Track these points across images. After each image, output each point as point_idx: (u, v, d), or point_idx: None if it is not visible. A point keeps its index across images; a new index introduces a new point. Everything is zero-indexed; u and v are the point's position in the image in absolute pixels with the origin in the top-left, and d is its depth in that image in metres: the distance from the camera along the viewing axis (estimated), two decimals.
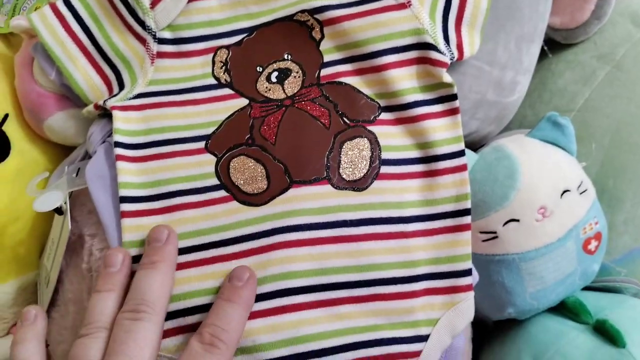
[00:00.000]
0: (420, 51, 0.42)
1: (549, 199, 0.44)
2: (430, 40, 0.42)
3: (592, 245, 0.47)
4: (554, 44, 0.52)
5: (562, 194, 0.45)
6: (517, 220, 0.44)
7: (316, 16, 0.43)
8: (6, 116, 0.47)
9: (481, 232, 0.45)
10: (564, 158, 0.47)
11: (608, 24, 0.51)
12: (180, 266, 0.39)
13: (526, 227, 0.44)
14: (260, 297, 0.38)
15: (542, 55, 0.51)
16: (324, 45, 0.43)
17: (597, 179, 0.49)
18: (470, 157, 0.45)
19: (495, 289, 0.46)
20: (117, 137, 0.42)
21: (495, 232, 0.45)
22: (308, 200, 0.40)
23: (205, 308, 0.38)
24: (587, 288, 0.49)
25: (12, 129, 0.48)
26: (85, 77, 0.44)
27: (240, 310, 0.36)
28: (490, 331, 0.51)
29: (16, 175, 0.47)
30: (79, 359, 0.34)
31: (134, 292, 0.36)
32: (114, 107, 0.42)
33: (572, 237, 0.45)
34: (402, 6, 0.42)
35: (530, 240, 0.44)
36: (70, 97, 0.45)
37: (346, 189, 0.40)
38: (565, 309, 0.47)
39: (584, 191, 0.46)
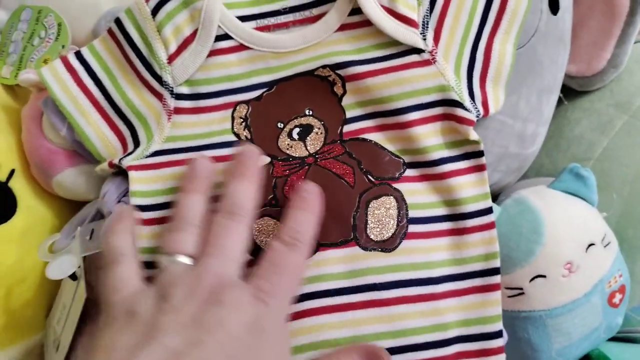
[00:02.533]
0: (446, 108, 0.41)
1: (575, 253, 0.44)
2: (456, 97, 0.41)
3: (617, 298, 0.46)
4: (570, 91, 0.52)
5: (587, 248, 0.44)
6: (544, 276, 0.43)
7: (338, 72, 0.42)
8: (12, 172, 0.46)
9: (507, 288, 0.44)
10: (587, 210, 0.46)
11: (624, 72, 0.51)
12: None
13: (553, 283, 0.43)
14: None
15: (558, 102, 0.51)
16: (346, 101, 0.42)
17: (617, 228, 0.48)
18: (493, 209, 0.44)
19: (521, 345, 0.45)
20: (135, 200, 0.40)
21: (521, 289, 0.44)
22: (336, 264, 0.38)
23: None
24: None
25: (19, 185, 0.46)
26: (98, 133, 0.43)
27: (310, 215, 0.38)
28: None
29: (23, 233, 0.45)
30: (175, 249, 0.36)
31: (228, 197, 0.37)
32: (130, 167, 0.41)
33: (598, 292, 0.45)
34: (426, 62, 0.41)
35: (557, 296, 0.44)
36: (81, 153, 0.44)
37: (374, 249, 0.39)
38: None
39: (607, 244, 0.46)
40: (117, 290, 0.36)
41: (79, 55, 0.44)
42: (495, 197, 0.50)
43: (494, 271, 0.40)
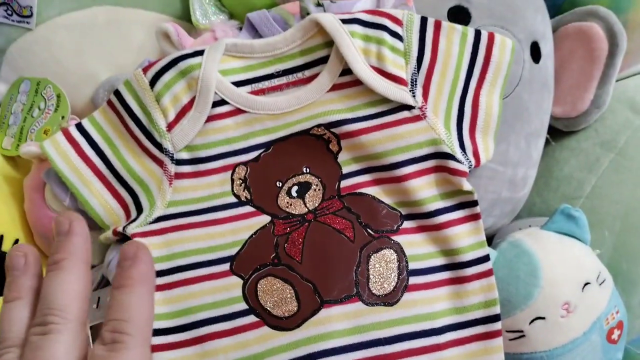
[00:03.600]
0: (439, 160, 0.42)
1: (572, 293, 0.45)
2: (448, 150, 0.42)
3: (615, 334, 0.47)
4: (556, 132, 0.54)
5: (583, 287, 0.45)
6: (543, 318, 0.44)
7: (333, 130, 0.43)
8: (16, 241, 0.46)
9: (508, 331, 0.45)
10: (581, 250, 0.47)
11: (608, 111, 0.52)
12: None
13: (552, 324, 0.44)
14: None
15: (546, 143, 0.52)
16: (341, 157, 0.43)
17: (611, 263, 0.49)
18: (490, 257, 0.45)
19: None
20: None
21: (522, 331, 0.45)
22: (341, 321, 0.39)
23: None
24: None
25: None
26: (101, 202, 0.44)
27: (136, 292, 0.33)
28: None
29: None
30: None
31: (41, 300, 0.31)
32: (134, 235, 0.41)
33: (597, 330, 0.46)
34: (417, 118, 0.43)
35: (557, 337, 0.44)
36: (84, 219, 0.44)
37: (377, 304, 0.40)
38: None
39: (603, 281, 0.47)
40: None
41: (80, 127, 0.45)
42: (490, 239, 0.51)
43: (495, 318, 0.41)
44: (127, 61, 0.50)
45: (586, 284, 0.45)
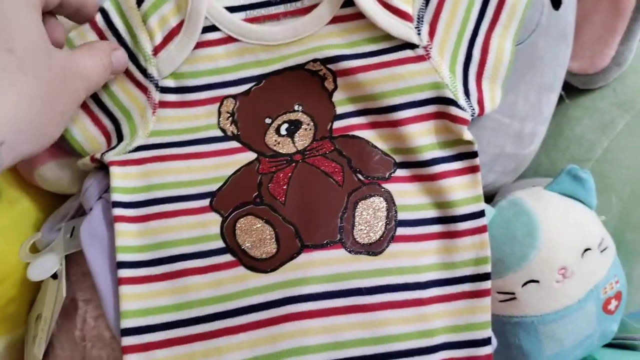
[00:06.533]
0: (440, 106, 0.40)
1: (570, 259, 0.42)
2: (450, 95, 0.39)
3: (612, 305, 0.45)
4: (571, 89, 0.51)
5: (583, 253, 0.43)
6: (537, 282, 0.42)
7: (329, 66, 0.41)
8: None
9: (499, 292, 0.43)
10: (585, 214, 0.45)
11: (629, 70, 0.49)
12: (183, 340, 0.37)
13: (546, 289, 0.42)
14: None
15: (559, 100, 0.49)
16: (336, 97, 0.41)
17: (615, 232, 0.47)
18: (486, 211, 0.43)
19: (512, 351, 0.44)
20: (116, 196, 0.39)
21: (513, 293, 0.43)
22: (320, 267, 0.37)
23: None
24: None
25: (1, 178, 0.45)
26: (81, 128, 0.42)
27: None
28: None
29: (5, 229, 0.44)
30: None
31: None
32: (111, 163, 0.40)
33: (593, 298, 0.43)
34: (420, 58, 0.40)
35: (550, 302, 0.43)
36: (64, 146, 0.43)
37: (361, 253, 0.38)
38: None
39: (604, 249, 0.44)
40: None
41: None
42: (491, 197, 0.49)
43: (485, 276, 0.39)
44: None
45: (586, 249, 0.43)
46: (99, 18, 0.42)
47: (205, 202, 0.39)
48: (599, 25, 0.48)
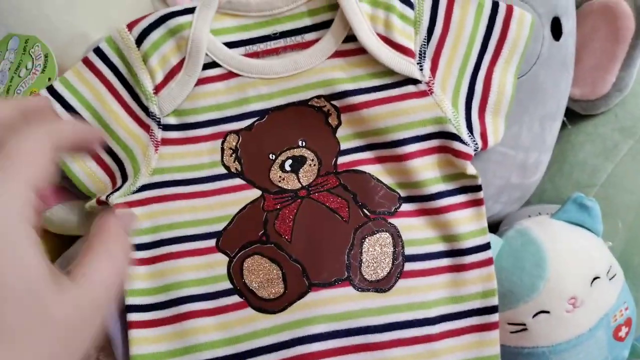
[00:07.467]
0: (443, 140, 0.40)
1: (579, 288, 0.42)
2: (453, 130, 0.39)
3: (623, 332, 0.44)
4: (573, 115, 0.50)
5: (592, 282, 0.42)
6: (547, 312, 0.42)
7: (334, 102, 0.41)
8: None
9: (509, 324, 0.42)
10: (592, 242, 0.44)
11: (630, 95, 0.49)
12: None
13: (556, 319, 0.42)
14: None
15: (562, 126, 0.49)
16: (340, 132, 0.41)
17: (622, 256, 0.47)
18: (494, 242, 0.43)
19: None
20: None
21: (524, 324, 0.42)
22: (328, 305, 0.37)
23: None
24: None
25: None
26: (85, 170, 0.41)
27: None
28: None
29: None
30: None
31: None
32: (117, 205, 0.39)
33: (603, 326, 0.43)
34: (423, 94, 0.40)
35: (561, 332, 0.42)
36: (70, 189, 0.42)
37: (369, 290, 0.38)
38: None
39: (613, 276, 0.44)
40: None
41: (51, 90, 0.42)
42: (496, 225, 0.49)
43: (492, 309, 0.39)
44: (120, 19, 0.47)
45: (595, 278, 0.43)
46: (94, 58, 0.42)
47: (212, 242, 0.39)
48: (599, 52, 0.48)
